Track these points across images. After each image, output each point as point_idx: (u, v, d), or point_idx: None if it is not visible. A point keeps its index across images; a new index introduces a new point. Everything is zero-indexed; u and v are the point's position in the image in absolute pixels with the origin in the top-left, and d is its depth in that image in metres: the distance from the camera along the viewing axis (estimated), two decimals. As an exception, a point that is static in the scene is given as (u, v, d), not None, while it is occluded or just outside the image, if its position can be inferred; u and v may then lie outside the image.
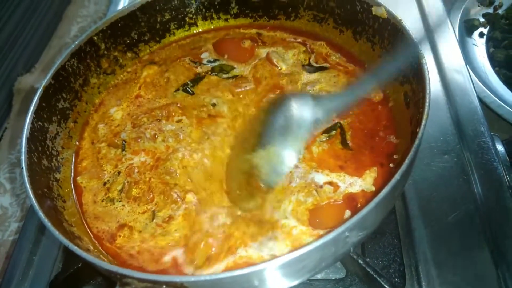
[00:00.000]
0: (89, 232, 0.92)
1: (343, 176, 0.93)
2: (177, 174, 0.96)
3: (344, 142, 0.97)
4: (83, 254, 0.68)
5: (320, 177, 0.93)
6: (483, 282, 0.92)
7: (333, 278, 0.95)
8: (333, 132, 0.98)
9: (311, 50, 1.18)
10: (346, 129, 0.99)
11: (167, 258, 0.86)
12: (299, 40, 1.22)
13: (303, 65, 1.15)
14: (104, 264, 0.66)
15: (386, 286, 0.86)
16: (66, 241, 0.70)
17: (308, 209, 0.88)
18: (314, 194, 0.90)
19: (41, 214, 0.75)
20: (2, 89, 1.80)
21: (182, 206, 0.91)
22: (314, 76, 1.12)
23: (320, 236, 0.66)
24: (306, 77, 1.12)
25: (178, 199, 0.92)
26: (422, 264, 0.96)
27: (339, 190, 0.90)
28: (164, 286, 0.64)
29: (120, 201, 0.96)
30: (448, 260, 0.96)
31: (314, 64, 1.15)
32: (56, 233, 0.71)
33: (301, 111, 0.95)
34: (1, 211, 1.45)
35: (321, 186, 0.91)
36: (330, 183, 0.92)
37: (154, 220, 0.91)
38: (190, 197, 0.92)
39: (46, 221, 0.73)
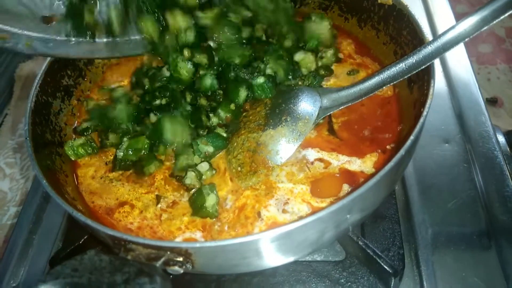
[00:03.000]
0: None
1: (335, 155, 0.93)
2: None
3: (331, 130, 0.98)
4: (88, 221, 0.68)
5: (311, 153, 0.94)
6: (482, 267, 0.93)
7: (333, 260, 0.95)
8: (321, 121, 0.97)
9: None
10: (336, 118, 0.99)
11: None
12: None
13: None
14: (109, 230, 0.66)
15: (385, 267, 0.86)
16: (70, 208, 0.70)
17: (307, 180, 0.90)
18: (305, 169, 0.91)
19: (45, 182, 0.75)
20: (3, 75, 1.80)
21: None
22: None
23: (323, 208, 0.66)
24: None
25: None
26: (422, 249, 0.97)
27: (331, 166, 0.92)
28: (168, 253, 0.64)
29: (119, 180, 0.96)
30: (448, 246, 0.97)
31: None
32: (60, 200, 0.72)
33: (308, 99, 0.95)
34: (0, 196, 1.45)
35: (312, 163, 0.92)
36: (321, 159, 0.93)
37: (159, 205, 0.90)
38: None
39: (49, 189, 0.74)
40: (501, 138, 1.14)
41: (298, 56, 1.05)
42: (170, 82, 1.02)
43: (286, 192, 0.88)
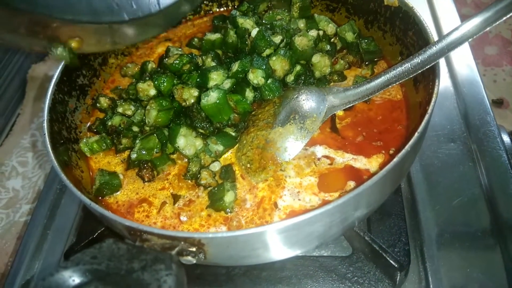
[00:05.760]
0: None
1: (340, 152, 0.96)
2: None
3: (333, 128, 1.00)
4: (105, 212, 0.71)
5: (319, 150, 0.96)
6: (486, 264, 0.95)
7: (340, 256, 0.98)
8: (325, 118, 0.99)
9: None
10: (341, 119, 1.02)
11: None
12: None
13: None
14: (125, 220, 0.69)
15: (391, 262, 0.88)
16: (87, 200, 0.73)
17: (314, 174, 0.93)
18: (312, 165, 0.94)
19: (62, 175, 0.77)
20: (16, 77, 1.83)
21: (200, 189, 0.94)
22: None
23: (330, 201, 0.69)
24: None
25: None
26: (427, 245, 0.98)
27: (337, 162, 0.94)
28: (182, 243, 0.66)
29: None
30: (453, 243, 0.99)
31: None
32: (77, 192, 0.74)
33: (316, 97, 0.97)
34: (13, 193, 1.48)
35: (319, 159, 0.95)
36: (327, 157, 0.95)
37: (176, 204, 0.92)
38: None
39: (67, 182, 0.76)
40: (506, 138, 1.15)
41: (315, 58, 1.05)
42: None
43: (295, 185, 0.91)
